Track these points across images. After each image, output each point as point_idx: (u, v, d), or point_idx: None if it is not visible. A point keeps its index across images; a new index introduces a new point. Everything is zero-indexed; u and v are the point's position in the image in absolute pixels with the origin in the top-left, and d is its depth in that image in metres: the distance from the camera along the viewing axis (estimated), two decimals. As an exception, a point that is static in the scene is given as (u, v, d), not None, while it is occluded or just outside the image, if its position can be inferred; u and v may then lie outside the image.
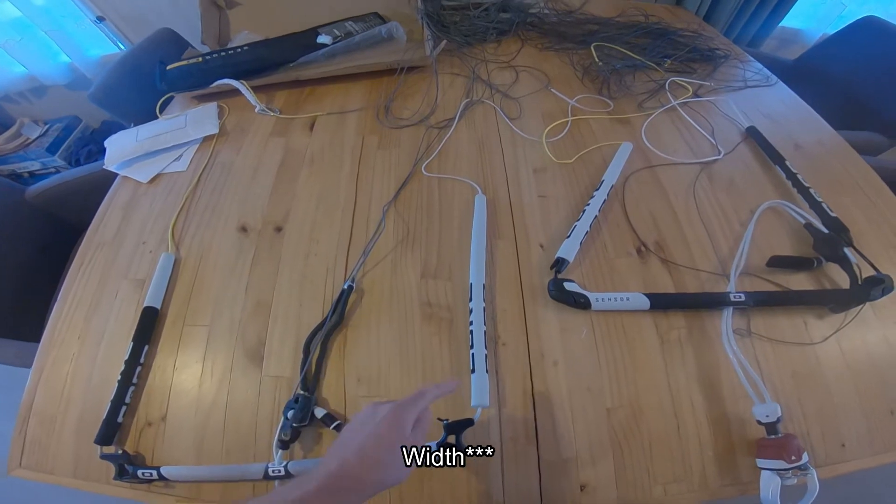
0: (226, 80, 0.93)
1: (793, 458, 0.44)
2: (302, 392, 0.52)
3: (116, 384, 0.54)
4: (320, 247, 0.65)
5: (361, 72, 0.93)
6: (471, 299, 0.57)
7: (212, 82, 0.94)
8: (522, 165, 0.73)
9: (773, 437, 0.46)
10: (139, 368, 0.57)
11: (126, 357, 0.56)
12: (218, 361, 0.56)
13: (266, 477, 0.48)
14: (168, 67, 0.96)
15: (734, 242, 0.63)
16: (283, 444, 0.49)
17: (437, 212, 0.68)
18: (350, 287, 0.59)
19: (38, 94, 1.74)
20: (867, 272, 0.57)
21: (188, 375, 0.56)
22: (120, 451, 0.52)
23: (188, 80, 0.95)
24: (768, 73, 0.97)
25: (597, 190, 0.66)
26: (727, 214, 0.66)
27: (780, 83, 0.94)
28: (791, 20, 1.49)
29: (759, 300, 0.57)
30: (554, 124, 0.79)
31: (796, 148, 0.77)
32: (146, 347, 0.58)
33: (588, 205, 0.64)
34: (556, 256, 0.59)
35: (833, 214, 0.64)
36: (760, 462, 0.47)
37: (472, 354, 0.52)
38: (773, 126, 0.81)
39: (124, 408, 0.54)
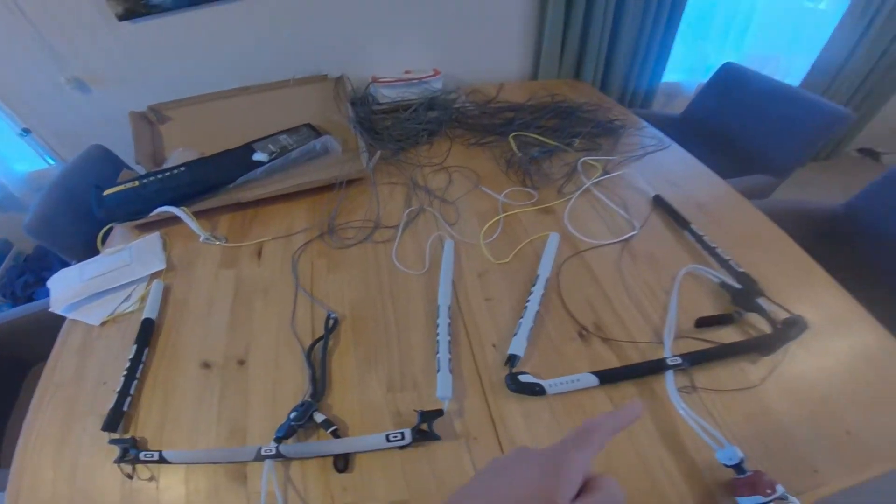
0: (166, 208, 0.92)
1: (768, 491, 0.48)
2: (309, 400, 0.61)
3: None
4: (285, 373, 0.66)
5: (302, 189, 0.97)
6: (438, 316, 0.69)
7: (152, 209, 0.92)
8: (467, 271, 0.78)
9: (743, 475, 0.50)
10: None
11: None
12: (202, 485, 0.56)
13: (258, 457, 0.56)
14: (105, 193, 0.94)
15: (663, 311, 0.70)
16: (278, 440, 0.57)
17: (395, 326, 0.71)
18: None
19: (-39, 214, 1.63)
20: (784, 314, 0.66)
21: (174, 497, 0.56)
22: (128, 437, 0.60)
23: (127, 208, 0.94)
24: (662, 136, 1.11)
25: (534, 286, 0.72)
26: (652, 286, 0.74)
27: (674, 144, 1.08)
28: (671, 74, 1.71)
29: (694, 360, 0.63)
30: (489, 224, 0.86)
31: (699, 208, 0.88)
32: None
33: (529, 301, 0.70)
34: (508, 353, 0.64)
35: (741, 269, 0.73)
36: (740, 500, 0.50)
37: (438, 358, 0.63)
38: (675, 190, 0.92)
39: None
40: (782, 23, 1.82)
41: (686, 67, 1.83)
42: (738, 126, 1.37)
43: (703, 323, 0.69)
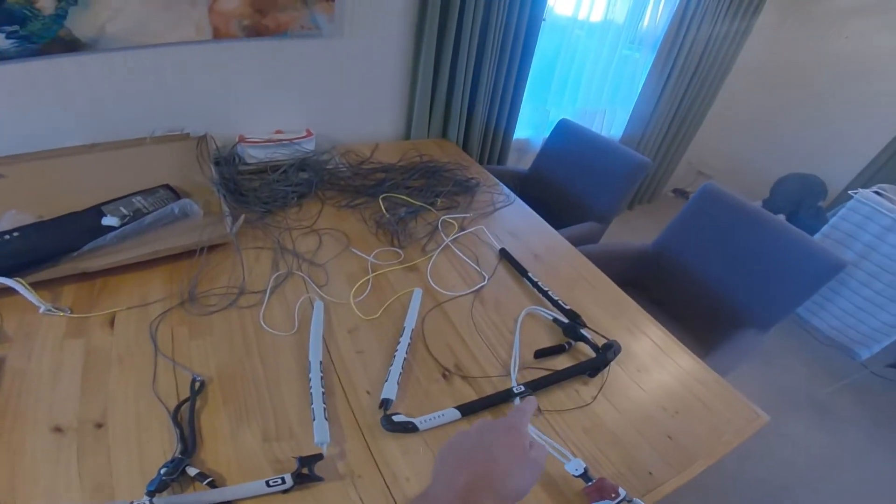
0: (-5, 279, 0.80)
1: (613, 495, 0.58)
2: (179, 456, 0.60)
3: None
4: (151, 434, 0.64)
5: (158, 257, 0.91)
6: (310, 371, 0.72)
7: (-25, 279, 0.79)
8: (337, 329, 0.83)
9: (590, 483, 0.60)
10: None
11: None
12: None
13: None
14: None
15: (509, 347, 0.84)
16: (150, 494, 0.55)
17: (266, 384, 0.72)
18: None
19: None
20: (602, 341, 0.82)
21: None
22: None
23: (-59, 277, 0.78)
24: (509, 192, 1.30)
25: (402, 336, 0.80)
26: (499, 328, 0.88)
27: (518, 200, 1.28)
28: (521, 131, 1.97)
29: (534, 386, 0.76)
30: (358, 284, 0.92)
31: (536, 258, 1.07)
32: None
33: (397, 350, 0.78)
34: (381, 398, 0.70)
35: (567, 307, 0.90)
36: (593, 505, 0.60)
37: (313, 408, 0.67)
38: (517, 242, 1.10)
39: None
40: (607, 75, 2.13)
41: (533, 124, 2.13)
42: (572, 178, 1.62)
43: (541, 354, 0.84)
